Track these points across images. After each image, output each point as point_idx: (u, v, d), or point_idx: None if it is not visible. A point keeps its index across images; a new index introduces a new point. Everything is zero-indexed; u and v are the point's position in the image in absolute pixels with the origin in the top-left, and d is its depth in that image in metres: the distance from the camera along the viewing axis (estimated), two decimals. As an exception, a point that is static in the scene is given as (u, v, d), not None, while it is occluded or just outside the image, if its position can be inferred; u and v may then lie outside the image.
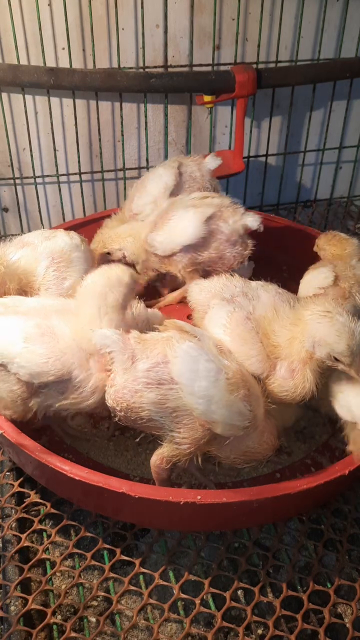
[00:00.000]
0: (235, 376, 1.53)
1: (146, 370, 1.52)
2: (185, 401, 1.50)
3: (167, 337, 1.57)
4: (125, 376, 1.54)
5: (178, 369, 1.51)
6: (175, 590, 1.57)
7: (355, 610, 1.53)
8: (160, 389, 1.51)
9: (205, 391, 1.50)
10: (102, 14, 2.53)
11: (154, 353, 1.54)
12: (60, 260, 1.99)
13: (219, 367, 1.52)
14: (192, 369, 1.50)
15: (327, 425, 2.02)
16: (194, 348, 1.54)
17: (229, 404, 1.51)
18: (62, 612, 1.60)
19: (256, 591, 1.56)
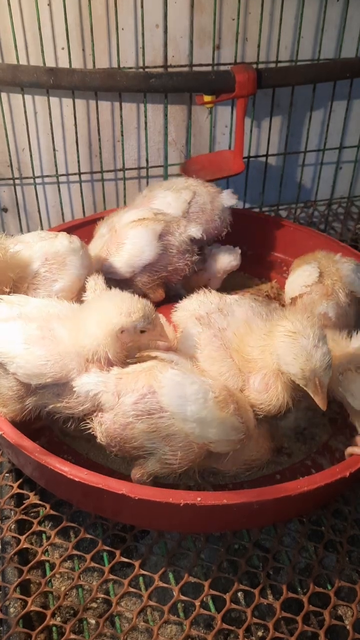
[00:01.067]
0: (222, 392, 1.56)
1: (133, 404, 1.54)
2: (178, 427, 1.52)
3: (148, 367, 1.59)
4: (114, 412, 1.56)
5: (167, 398, 1.52)
6: (175, 592, 1.56)
7: (356, 612, 1.53)
8: (151, 418, 1.53)
9: (197, 414, 1.51)
10: (101, 13, 2.53)
11: (138, 386, 1.55)
12: (54, 262, 1.99)
13: (205, 388, 1.54)
14: (180, 395, 1.52)
15: (327, 426, 2.02)
16: (178, 374, 1.56)
17: (222, 421, 1.53)
18: (61, 613, 1.60)
19: (256, 593, 1.55)
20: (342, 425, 2.00)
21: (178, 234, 2.21)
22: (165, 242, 2.20)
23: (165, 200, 2.37)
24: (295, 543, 1.70)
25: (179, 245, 2.21)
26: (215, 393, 1.54)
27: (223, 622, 1.50)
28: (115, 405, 1.55)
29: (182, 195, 2.37)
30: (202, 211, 2.37)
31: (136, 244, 2.19)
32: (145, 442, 1.55)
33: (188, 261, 2.24)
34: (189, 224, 2.25)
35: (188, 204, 2.35)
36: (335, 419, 2.04)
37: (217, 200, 2.39)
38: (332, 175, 3.20)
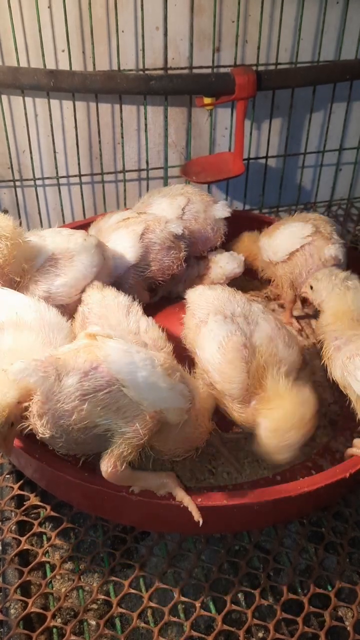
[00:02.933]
0: (167, 361, 1.57)
1: (78, 383, 1.43)
2: (130, 396, 1.47)
3: (85, 344, 1.53)
4: (54, 399, 1.44)
5: (116, 366, 1.47)
6: (175, 593, 1.56)
7: (356, 613, 1.53)
8: (98, 394, 1.45)
9: (148, 379, 1.49)
10: (102, 16, 2.54)
11: (79, 363, 1.46)
12: (61, 258, 2.00)
13: (151, 355, 1.54)
14: (129, 362, 1.49)
15: (327, 428, 2.02)
16: (122, 342, 1.54)
17: (171, 387, 1.52)
18: (62, 615, 1.60)
19: (257, 594, 1.55)
20: (343, 427, 2.00)
21: (159, 231, 2.23)
22: (147, 241, 2.21)
23: (161, 207, 2.39)
24: (295, 544, 1.70)
25: (162, 242, 2.22)
26: (160, 361, 1.54)
27: (223, 623, 1.50)
28: (55, 391, 1.43)
29: (176, 201, 2.39)
30: (194, 219, 2.38)
31: (118, 246, 2.20)
32: (96, 420, 1.46)
33: (173, 257, 2.25)
34: (169, 221, 2.26)
35: (182, 210, 2.37)
36: (335, 420, 2.04)
37: (210, 210, 2.40)
38: (332, 176, 3.21)
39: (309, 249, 2.24)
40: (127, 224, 2.26)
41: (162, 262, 2.25)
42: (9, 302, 1.79)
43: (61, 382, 1.43)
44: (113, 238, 2.23)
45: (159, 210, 2.37)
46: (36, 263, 1.98)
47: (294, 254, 2.27)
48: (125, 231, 2.23)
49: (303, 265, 2.26)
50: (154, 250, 2.23)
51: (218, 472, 1.85)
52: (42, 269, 1.98)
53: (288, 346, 1.75)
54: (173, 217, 2.33)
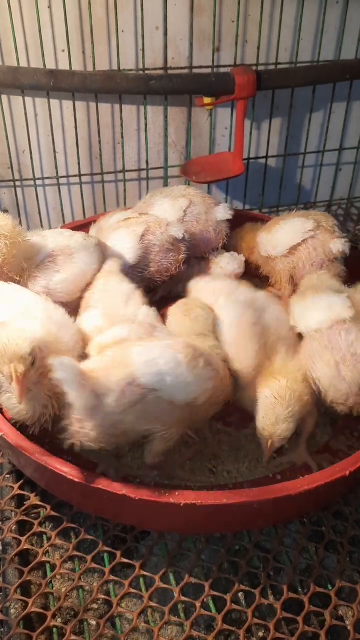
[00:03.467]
0: (187, 351, 1.59)
1: (115, 401, 1.50)
2: (164, 397, 1.54)
3: (111, 359, 1.56)
4: (95, 416, 1.50)
5: (146, 379, 1.52)
6: (175, 593, 1.56)
7: (357, 613, 1.52)
8: (136, 407, 1.52)
9: (176, 382, 1.54)
10: (102, 16, 2.54)
11: (113, 383, 1.50)
12: (60, 255, 2.01)
13: (172, 353, 1.57)
14: (156, 372, 1.53)
15: (327, 427, 2.02)
16: (144, 351, 1.57)
17: (198, 378, 1.58)
18: (62, 615, 1.60)
19: (257, 594, 1.55)
20: (343, 427, 2.00)
21: (160, 234, 2.23)
22: (147, 243, 2.22)
23: (162, 208, 2.39)
24: (296, 544, 1.70)
25: (161, 244, 2.22)
26: (182, 354, 1.57)
27: (224, 622, 1.49)
28: (95, 408, 1.49)
29: (178, 203, 2.39)
30: (196, 221, 2.38)
31: (117, 246, 2.21)
32: (137, 427, 1.56)
33: (172, 260, 2.25)
34: (170, 224, 2.26)
35: (184, 211, 2.37)
36: (335, 420, 2.04)
37: (212, 212, 2.40)
38: (332, 176, 3.21)
39: (312, 243, 2.26)
40: (128, 224, 2.26)
41: (160, 264, 2.25)
42: (20, 297, 1.81)
43: (101, 401, 1.49)
44: (113, 237, 2.23)
45: (160, 212, 2.37)
46: (36, 260, 1.99)
47: (296, 248, 2.28)
48: (126, 231, 2.23)
49: (307, 259, 2.27)
50: (153, 252, 2.23)
51: (218, 472, 1.85)
52: (42, 266, 1.99)
53: (291, 329, 1.85)
54: (174, 219, 2.33)
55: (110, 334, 1.72)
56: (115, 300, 1.89)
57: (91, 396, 1.47)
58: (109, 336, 1.70)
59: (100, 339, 1.70)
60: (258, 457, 1.87)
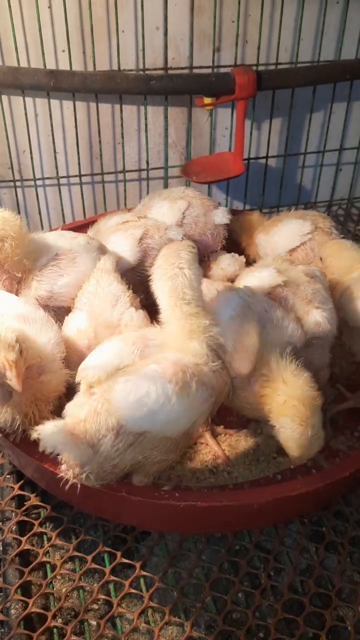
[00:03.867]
0: (176, 377, 1.46)
1: (112, 446, 1.44)
2: (160, 436, 1.48)
3: (101, 401, 1.47)
4: (93, 462, 1.46)
5: (134, 423, 1.45)
6: (176, 593, 1.56)
7: (357, 613, 1.53)
8: (133, 446, 1.47)
9: (168, 417, 1.46)
10: (102, 16, 2.54)
11: (103, 430, 1.43)
12: (63, 258, 2.00)
13: (160, 386, 1.45)
14: (146, 412, 1.44)
15: (328, 427, 2.01)
16: (130, 392, 1.45)
17: (190, 405, 1.48)
18: (62, 615, 1.60)
19: (257, 594, 1.55)
20: (343, 427, 2.00)
21: (158, 237, 2.22)
22: (145, 246, 2.21)
23: (161, 210, 2.39)
24: (296, 544, 1.70)
25: (160, 248, 2.16)
26: (171, 382, 1.45)
27: (224, 623, 1.50)
28: (93, 456, 1.45)
29: (176, 205, 2.39)
30: (194, 223, 2.38)
31: (116, 249, 2.20)
32: (136, 460, 1.50)
33: None
34: (169, 228, 2.25)
35: (182, 213, 2.37)
36: (335, 420, 2.04)
37: (210, 215, 2.39)
38: (332, 176, 3.21)
39: (309, 244, 2.27)
40: (126, 227, 2.26)
41: None
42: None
43: (95, 449, 1.44)
44: (111, 240, 2.23)
45: (159, 214, 2.37)
46: (39, 263, 1.99)
47: (295, 250, 2.29)
48: (124, 235, 2.23)
49: (304, 260, 2.27)
50: (152, 256, 2.20)
51: (218, 472, 1.85)
52: (45, 269, 1.98)
53: (279, 327, 1.76)
54: (173, 221, 2.32)
55: (99, 362, 1.59)
56: (102, 303, 1.85)
57: (86, 448, 1.43)
58: (98, 367, 1.58)
59: (88, 371, 1.58)
60: (258, 457, 1.87)
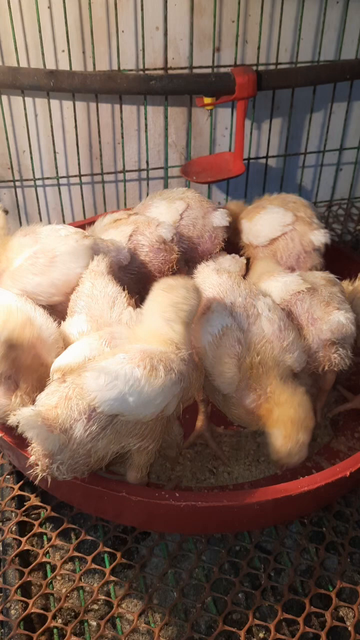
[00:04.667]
0: (144, 361, 1.48)
1: (84, 431, 1.45)
2: (132, 419, 1.48)
3: (67, 388, 1.47)
4: (65, 450, 1.45)
5: (107, 405, 1.45)
6: (176, 593, 1.56)
7: (358, 614, 1.52)
8: (106, 431, 1.46)
9: (139, 400, 1.47)
10: (101, 16, 2.53)
11: (75, 413, 1.44)
12: (41, 257, 1.94)
13: (129, 367, 1.47)
14: (117, 394, 1.45)
15: (328, 428, 2.02)
16: (100, 375, 1.47)
17: (162, 388, 1.49)
18: (62, 615, 1.59)
19: (257, 594, 1.55)
20: (344, 427, 2.01)
21: (148, 234, 2.20)
22: (135, 243, 2.19)
23: (158, 210, 2.36)
24: (296, 544, 1.70)
25: (150, 244, 2.19)
26: (140, 365, 1.47)
27: (224, 623, 1.49)
28: (68, 442, 1.44)
29: (174, 205, 2.36)
30: (192, 225, 2.36)
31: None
32: (113, 448, 1.50)
33: (163, 260, 2.21)
34: (160, 225, 2.23)
35: (180, 214, 2.35)
36: (336, 420, 2.04)
37: (209, 217, 2.38)
38: (332, 176, 3.21)
39: (290, 235, 2.28)
40: (117, 224, 2.24)
41: (151, 264, 2.21)
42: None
43: (67, 434, 1.43)
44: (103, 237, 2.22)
45: (156, 213, 2.34)
46: (16, 262, 1.95)
47: (276, 240, 2.30)
48: (114, 232, 2.21)
49: (284, 250, 2.28)
50: (143, 252, 2.19)
51: (219, 472, 1.85)
52: (21, 267, 1.94)
53: (287, 351, 1.74)
54: (170, 221, 2.30)
55: (71, 354, 1.61)
56: (100, 305, 1.83)
57: (59, 435, 1.42)
58: (70, 357, 1.60)
59: (60, 362, 1.60)
60: (258, 458, 1.87)
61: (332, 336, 1.80)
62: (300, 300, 1.85)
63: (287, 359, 1.73)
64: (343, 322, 1.79)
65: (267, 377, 1.67)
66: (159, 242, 2.19)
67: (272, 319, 1.76)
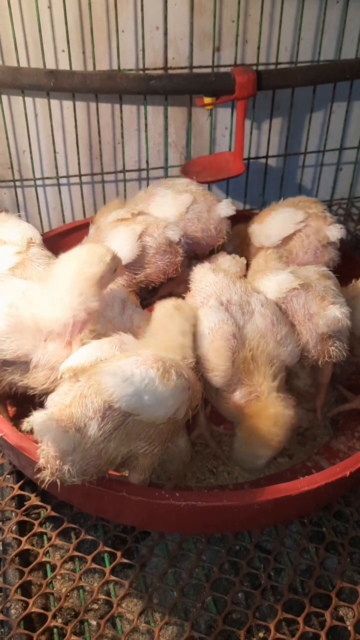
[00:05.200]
0: (158, 363, 1.51)
1: (99, 429, 1.43)
2: (145, 418, 1.48)
3: (82, 386, 1.47)
4: (78, 450, 1.44)
5: (126, 402, 1.45)
6: (176, 593, 1.56)
7: (357, 613, 1.52)
8: (119, 430, 1.46)
9: (153, 399, 1.47)
10: (101, 15, 2.53)
11: (90, 411, 1.43)
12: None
13: (144, 369, 1.49)
14: (133, 391, 1.46)
15: (328, 428, 2.02)
16: (117, 373, 1.48)
17: (174, 390, 1.51)
18: (62, 615, 1.60)
19: (257, 594, 1.55)
20: (344, 427, 2.01)
21: (156, 235, 2.20)
22: (144, 243, 2.19)
23: (164, 200, 2.35)
24: (296, 544, 1.70)
25: (157, 246, 2.19)
26: (153, 367, 1.50)
27: (224, 623, 1.50)
28: (80, 441, 1.43)
29: (181, 198, 2.36)
30: (197, 219, 2.36)
31: (115, 242, 2.19)
32: (122, 451, 1.49)
33: (168, 262, 2.22)
34: (168, 226, 2.23)
35: (186, 208, 2.35)
36: (336, 420, 2.04)
37: (214, 209, 2.37)
38: (332, 176, 3.21)
39: (305, 231, 2.29)
40: (128, 222, 2.25)
41: (156, 266, 2.22)
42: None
43: (82, 433, 1.42)
44: (111, 234, 2.21)
45: (162, 204, 2.34)
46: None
47: (290, 238, 2.30)
48: (124, 229, 2.21)
49: (300, 248, 2.29)
50: (150, 254, 2.20)
51: (219, 472, 1.86)
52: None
53: (280, 345, 1.77)
54: (176, 214, 2.30)
55: (82, 355, 1.61)
56: (111, 309, 1.85)
57: (74, 433, 1.42)
58: (81, 358, 1.59)
59: (71, 362, 1.59)
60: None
61: (328, 330, 1.81)
62: (296, 296, 1.87)
63: (281, 352, 1.77)
64: (339, 316, 1.81)
65: (259, 374, 1.71)
66: (166, 244, 2.20)
67: (264, 314, 1.79)
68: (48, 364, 1.70)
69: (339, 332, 1.84)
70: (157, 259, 2.21)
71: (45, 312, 1.69)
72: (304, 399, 2.02)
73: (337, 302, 1.85)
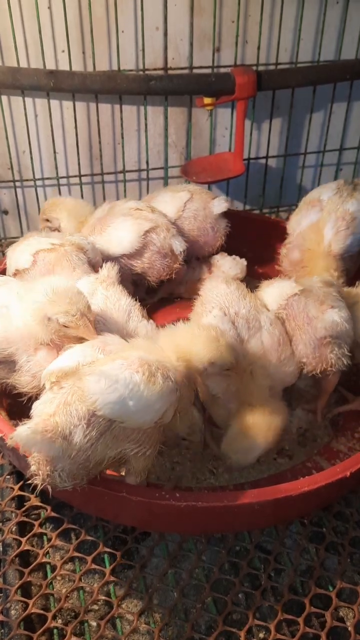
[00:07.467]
0: (143, 367, 1.48)
1: (84, 436, 1.42)
2: (131, 425, 1.47)
3: (66, 392, 1.45)
4: (65, 456, 1.43)
5: (110, 409, 1.43)
6: (176, 593, 1.56)
7: (357, 614, 1.52)
8: (105, 436, 1.45)
9: (139, 404, 1.46)
10: (101, 16, 2.54)
11: (75, 418, 1.42)
12: None
13: (129, 373, 1.47)
14: (117, 398, 1.44)
15: (328, 428, 2.02)
16: (101, 379, 1.46)
17: (160, 394, 1.48)
18: (62, 616, 1.59)
19: (257, 595, 1.55)
20: (344, 427, 2.00)
21: (162, 237, 2.22)
22: (148, 240, 2.21)
23: (164, 199, 2.40)
24: (296, 545, 1.70)
25: (160, 247, 2.22)
26: (139, 371, 1.47)
27: (224, 624, 1.49)
28: (67, 448, 1.42)
29: (179, 195, 2.40)
30: (194, 217, 2.37)
31: (117, 231, 2.21)
32: (110, 454, 1.49)
33: (165, 265, 2.25)
34: (176, 235, 2.25)
35: (184, 203, 2.37)
36: (336, 420, 2.04)
37: (209, 207, 2.39)
38: (332, 176, 3.21)
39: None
40: (139, 214, 2.25)
41: (153, 265, 2.25)
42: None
43: (68, 440, 1.41)
44: (117, 222, 2.24)
45: (161, 201, 2.38)
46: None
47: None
48: (131, 222, 2.23)
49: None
50: (151, 251, 2.23)
51: (219, 472, 1.85)
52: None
53: (283, 364, 1.83)
54: (174, 210, 2.34)
55: (64, 359, 1.59)
56: (116, 320, 1.83)
57: (60, 442, 1.41)
58: (63, 362, 1.57)
59: (53, 367, 1.57)
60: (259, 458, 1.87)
61: (326, 333, 1.81)
62: (296, 301, 1.88)
63: (281, 371, 1.82)
64: (337, 320, 1.81)
65: (255, 387, 1.75)
66: (169, 249, 2.23)
67: (272, 333, 1.84)
68: (30, 371, 1.71)
69: (339, 337, 1.83)
70: (157, 259, 2.23)
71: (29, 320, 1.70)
72: (304, 399, 2.03)
73: (336, 306, 1.84)
